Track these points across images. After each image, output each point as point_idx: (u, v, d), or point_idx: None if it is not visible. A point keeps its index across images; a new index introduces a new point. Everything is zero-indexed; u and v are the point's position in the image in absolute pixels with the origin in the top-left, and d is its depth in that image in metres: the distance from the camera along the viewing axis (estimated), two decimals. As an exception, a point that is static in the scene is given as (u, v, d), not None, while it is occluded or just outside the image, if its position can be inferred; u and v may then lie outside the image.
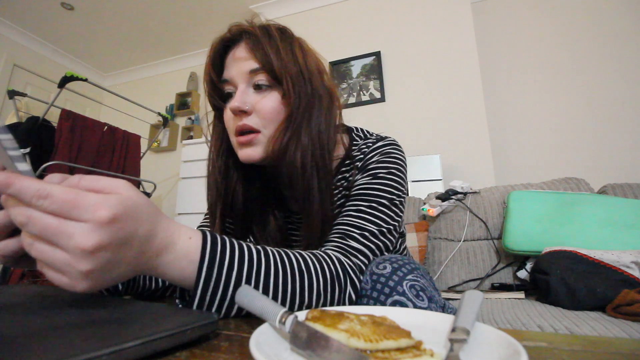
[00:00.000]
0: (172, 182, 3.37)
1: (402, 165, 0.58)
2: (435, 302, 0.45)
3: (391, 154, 0.58)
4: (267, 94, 0.52)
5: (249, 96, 0.52)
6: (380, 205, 0.53)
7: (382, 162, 0.56)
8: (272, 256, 0.40)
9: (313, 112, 0.53)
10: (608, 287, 0.88)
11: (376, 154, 0.58)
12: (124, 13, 3.04)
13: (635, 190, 1.24)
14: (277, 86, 0.52)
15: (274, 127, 0.52)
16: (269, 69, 0.51)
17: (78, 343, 0.22)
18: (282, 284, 0.39)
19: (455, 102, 2.26)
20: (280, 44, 0.51)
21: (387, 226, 0.52)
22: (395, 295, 0.43)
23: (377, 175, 0.55)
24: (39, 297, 0.36)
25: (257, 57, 0.51)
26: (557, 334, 0.30)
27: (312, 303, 0.41)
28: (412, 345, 0.24)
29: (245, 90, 0.52)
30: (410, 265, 0.46)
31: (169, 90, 3.69)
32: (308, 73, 0.53)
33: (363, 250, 0.49)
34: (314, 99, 0.53)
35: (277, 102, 0.52)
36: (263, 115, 0.51)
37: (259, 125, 0.52)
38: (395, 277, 0.44)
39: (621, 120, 2.18)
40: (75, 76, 1.81)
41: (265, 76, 0.51)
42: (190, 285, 0.35)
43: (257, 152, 0.52)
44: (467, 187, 1.50)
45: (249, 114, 0.52)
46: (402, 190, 0.56)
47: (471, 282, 1.28)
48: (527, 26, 2.49)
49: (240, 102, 0.51)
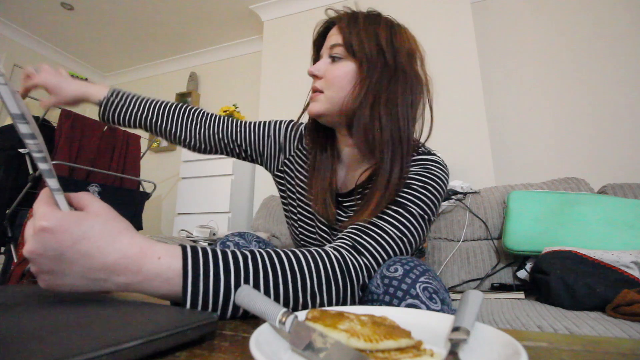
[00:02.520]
0: (172, 182, 3.37)
1: (439, 184, 0.57)
2: (448, 304, 0.44)
3: (432, 171, 0.57)
4: (339, 64, 0.61)
5: (324, 65, 0.63)
6: (408, 214, 0.52)
7: (420, 175, 0.56)
8: (261, 259, 0.39)
9: (395, 86, 0.58)
10: (608, 287, 0.88)
11: (417, 166, 0.58)
12: (124, 13, 3.04)
13: (635, 190, 1.24)
14: (352, 58, 0.60)
15: (336, 90, 0.60)
16: (346, 43, 0.60)
17: (78, 343, 0.22)
18: (274, 286, 0.38)
19: (455, 102, 2.25)
20: (362, 23, 0.60)
21: (409, 237, 0.51)
22: (409, 299, 0.42)
23: (411, 186, 0.55)
24: (39, 297, 0.36)
25: (341, 35, 0.61)
26: (557, 334, 0.30)
27: (308, 303, 0.40)
28: (412, 345, 0.24)
29: (324, 60, 0.63)
30: (421, 267, 0.46)
31: (169, 90, 3.69)
32: (392, 51, 0.59)
33: (376, 249, 0.48)
34: (396, 73, 0.58)
35: (345, 70, 0.60)
36: (328, 79, 0.61)
37: (323, 87, 0.62)
38: (407, 280, 0.43)
39: (621, 120, 2.18)
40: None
41: (342, 49, 0.61)
42: (177, 299, 0.35)
43: (317, 106, 0.62)
44: (467, 187, 1.50)
45: (320, 78, 0.62)
46: (432, 208, 0.55)
47: (471, 282, 1.27)
48: (527, 26, 2.49)
49: (314, 68, 0.63)
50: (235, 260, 0.38)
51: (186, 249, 0.36)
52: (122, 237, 0.34)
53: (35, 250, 0.31)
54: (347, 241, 0.49)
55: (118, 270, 0.33)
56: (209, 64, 3.63)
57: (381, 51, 0.58)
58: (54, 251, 0.31)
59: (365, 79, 0.58)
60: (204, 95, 3.62)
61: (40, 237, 0.31)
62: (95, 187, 1.85)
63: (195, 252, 0.36)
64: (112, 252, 0.33)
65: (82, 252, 0.31)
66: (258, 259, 0.39)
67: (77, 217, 0.32)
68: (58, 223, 0.31)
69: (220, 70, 3.56)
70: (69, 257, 0.31)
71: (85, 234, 0.32)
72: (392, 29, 0.61)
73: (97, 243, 0.32)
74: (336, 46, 0.61)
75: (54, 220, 0.31)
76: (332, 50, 0.62)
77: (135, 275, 0.33)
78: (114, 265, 0.33)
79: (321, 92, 0.62)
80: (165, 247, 0.36)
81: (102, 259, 0.32)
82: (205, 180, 2.49)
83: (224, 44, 3.49)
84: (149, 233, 2.45)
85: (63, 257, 0.31)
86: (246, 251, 0.40)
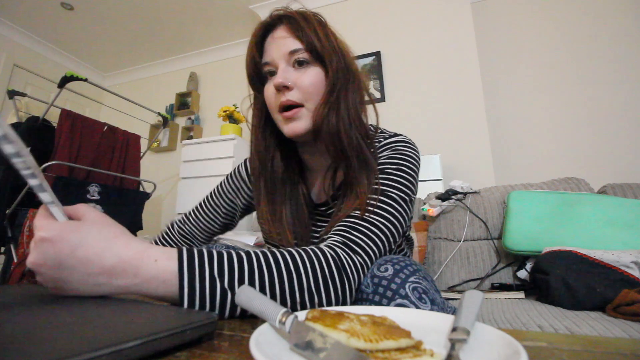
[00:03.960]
0: (172, 182, 3.37)
1: (412, 163, 0.57)
2: (437, 304, 0.44)
3: (402, 151, 0.57)
4: (307, 70, 0.56)
5: (290, 73, 0.55)
6: (390, 199, 0.52)
7: (392, 159, 0.56)
8: (257, 259, 0.39)
9: (349, 88, 0.57)
10: (608, 287, 0.88)
11: (387, 150, 0.58)
12: (124, 13, 3.04)
13: (635, 190, 1.24)
14: (317, 63, 0.56)
15: (315, 101, 0.56)
16: (311, 47, 0.55)
17: (78, 343, 0.22)
18: (269, 287, 0.38)
19: (455, 102, 2.25)
20: (316, 26, 0.56)
21: (395, 224, 0.51)
22: (398, 299, 0.42)
23: (385, 171, 0.55)
24: (39, 297, 0.36)
25: (299, 37, 0.55)
26: (557, 334, 0.30)
27: (306, 303, 0.40)
28: (412, 345, 0.24)
29: (285, 68, 0.56)
30: (412, 266, 0.46)
31: (169, 90, 3.69)
32: (341, 52, 0.58)
33: (368, 245, 0.48)
34: (349, 75, 0.57)
35: (317, 77, 0.56)
36: (304, 90, 0.55)
37: (302, 99, 0.55)
38: (397, 280, 0.43)
39: (621, 120, 2.18)
40: (75, 76, 1.81)
41: (307, 54, 0.55)
42: (174, 301, 0.36)
43: (302, 124, 0.55)
44: (467, 187, 1.50)
45: (291, 90, 0.55)
46: (410, 188, 0.55)
47: (471, 282, 1.27)
48: (527, 26, 2.49)
49: (283, 79, 0.54)
50: (230, 261, 0.38)
51: (182, 251, 0.37)
52: (119, 241, 0.35)
53: (36, 261, 0.33)
54: (339, 239, 0.48)
55: (116, 273, 0.34)
56: (209, 64, 3.63)
57: (336, 52, 0.57)
58: (53, 260, 0.32)
59: (332, 84, 0.55)
60: (204, 95, 3.61)
61: (40, 248, 0.32)
62: (95, 187, 1.85)
63: (191, 253, 0.37)
64: (110, 256, 0.34)
65: (80, 259, 0.33)
66: (254, 259, 0.39)
67: (74, 226, 0.34)
68: (55, 232, 0.33)
69: (220, 70, 3.56)
70: (69, 264, 0.33)
71: (82, 241, 0.33)
72: (332, 29, 0.60)
73: (94, 249, 0.33)
74: (299, 51, 0.55)
75: (51, 230, 0.33)
76: (295, 56, 0.56)
77: (133, 278, 0.34)
78: (112, 269, 0.34)
79: (301, 105, 0.56)
80: (161, 250, 0.36)
81: (101, 264, 0.33)
82: (205, 180, 2.49)
83: (224, 44, 3.49)
84: (149, 233, 2.45)
85: (63, 265, 0.33)
86: (242, 252, 0.40)
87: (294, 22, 0.56)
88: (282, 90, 0.55)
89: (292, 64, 0.56)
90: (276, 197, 0.62)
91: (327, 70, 0.56)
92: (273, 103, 0.57)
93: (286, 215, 0.61)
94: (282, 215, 0.61)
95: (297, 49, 0.55)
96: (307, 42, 0.55)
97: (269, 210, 0.62)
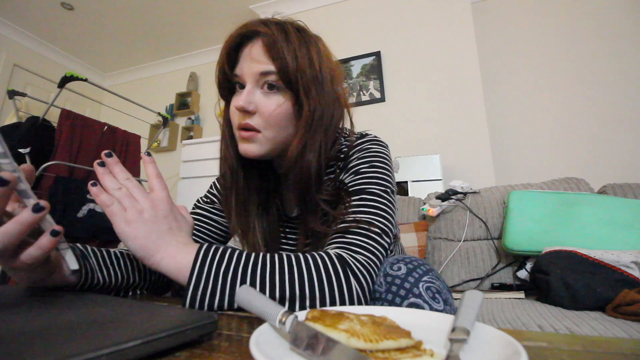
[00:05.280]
0: (172, 182, 3.37)
1: (383, 157, 0.57)
2: (450, 304, 0.44)
3: (370, 149, 0.57)
4: (275, 96, 0.52)
5: (255, 97, 0.52)
6: (371, 195, 0.52)
7: (363, 159, 0.56)
8: (262, 258, 0.41)
9: (324, 118, 0.53)
10: (608, 287, 0.88)
11: (356, 152, 0.58)
12: (124, 13, 3.04)
13: (635, 190, 1.24)
14: (287, 90, 0.52)
15: (274, 130, 0.53)
16: (283, 73, 0.50)
17: (78, 343, 0.22)
18: (279, 287, 0.39)
19: (455, 102, 2.25)
20: (297, 47, 0.51)
21: (386, 216, 0.51)
22: (412, 298, 0.42)
23: (360, 171, 0.55)
24: (39, 297, 0.36)
25: (272, 60, 0.50)
26: (557, 334, 0.30)
27: (316, 302, 0.40)
28: (412, 345, 0.24)
29: (252, 90, 0.52)
30: (425, 266, 0.46)
31: (169, 90, 3.69)
32: (322, 79, 0.53)
33: (366, 242, 0.47)
34: (326, 105, 0.53)
35: (283, 107, 0.52)
36: (266, 118, 0.52)
37: (260, 126, 0.52)
38: (410, 279, 0.43)
39: (621, 120, 2.18)
40: (75, 76, 1.81)
41: (278, 79, 0.51)
42: (183, 281, 0.40)
43: (255, 149, 0.53)
44: (467, 187, 1.50)
45: (253, 114, 0.52)
46: (388, 181, 0.55)
47: (471, 282, 1.27)
48: (527, 26, 2.49)
49: (245, 102, 0.50)
50: (238, 254, 0.41)
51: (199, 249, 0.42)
52: None
53: (162, 197, 0.44)
54: (338, 245, 0.47)
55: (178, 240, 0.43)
56: (209, 64, 3.63)
57: (316, 81, 0.52)
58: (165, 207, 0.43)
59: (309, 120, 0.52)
60: (204, 95, 3.61)
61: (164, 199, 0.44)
62: (95, 187, 1.85)
63: (209, 244, 0.42)
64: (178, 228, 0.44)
65: (175, 214, 0.45)
66: (259, 258, 0.41)
67: None
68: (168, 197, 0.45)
69: (220, 70, 3.55)
70: (171, 216, 0.43)
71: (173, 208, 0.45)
72: (317, 46, 0.55)
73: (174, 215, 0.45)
74: (270, 74, 0.50)
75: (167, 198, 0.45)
76: (266, 78, 0.51)
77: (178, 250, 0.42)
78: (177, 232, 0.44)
79: (257, 131, 0.52)
80: None
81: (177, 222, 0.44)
82: (205, 180, 2.49)
83: (224, 44, 3.49)
84: (149, 233, 2.45)
85: (170, 215, 0.43)
86: (245, 253, 0.42)
87: (271, 40, 0.50)
88: (243, 113, 0.52)
89: (262, 86, 0.52)
90: (249, 208, 0.61)
91: (300, 99, 0.51)
92: (234, 120, 0.54)
93: (258, 228, 0.61)
94: (255, 228, 0.61)
95: (268, 71, 0.50)
96: (280, 66, 0.50)
97: (238, 223, 0.60)
